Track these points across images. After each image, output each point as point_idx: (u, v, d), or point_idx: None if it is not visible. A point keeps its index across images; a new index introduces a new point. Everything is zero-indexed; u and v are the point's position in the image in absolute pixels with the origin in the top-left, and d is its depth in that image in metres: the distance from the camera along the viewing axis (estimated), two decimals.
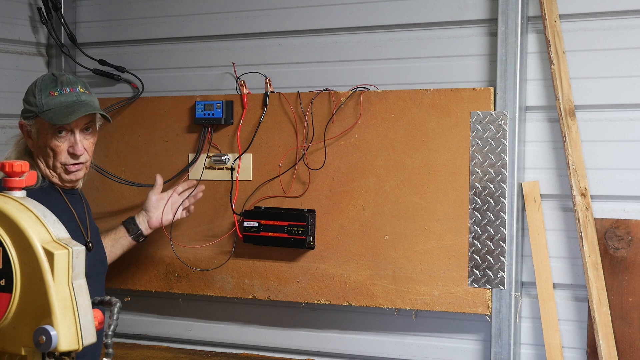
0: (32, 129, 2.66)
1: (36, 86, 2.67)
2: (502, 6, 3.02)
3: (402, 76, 3.26)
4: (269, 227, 3.25)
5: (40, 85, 2.66)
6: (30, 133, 2.68)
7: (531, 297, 3.11)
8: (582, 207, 2.97)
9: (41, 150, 2.68)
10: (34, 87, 2.67)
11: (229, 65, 3.50)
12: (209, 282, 3.43)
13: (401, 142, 3.16)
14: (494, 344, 3.06)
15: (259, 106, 3.35)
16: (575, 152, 2.99)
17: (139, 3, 3.72)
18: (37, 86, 2.66)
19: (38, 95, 2.63)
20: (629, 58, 2.97)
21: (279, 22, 3.47)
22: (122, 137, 3.61)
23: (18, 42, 3.71)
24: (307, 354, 3.46)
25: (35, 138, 2.67)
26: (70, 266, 1.66)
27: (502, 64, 3.04)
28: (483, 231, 3.05)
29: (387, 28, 3.29)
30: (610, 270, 2.98)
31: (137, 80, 3.64)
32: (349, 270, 3.23)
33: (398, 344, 3.32)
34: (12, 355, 1.70)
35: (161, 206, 3.18)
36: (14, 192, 1.75)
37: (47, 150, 2.66)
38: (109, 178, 3.56)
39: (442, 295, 3.10)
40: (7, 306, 1.66)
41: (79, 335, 1.65)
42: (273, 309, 3.52)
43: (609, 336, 2.96)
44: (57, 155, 2.66)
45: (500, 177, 3.03)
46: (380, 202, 3.18)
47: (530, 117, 3.10)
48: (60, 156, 2.66)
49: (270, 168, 3.33)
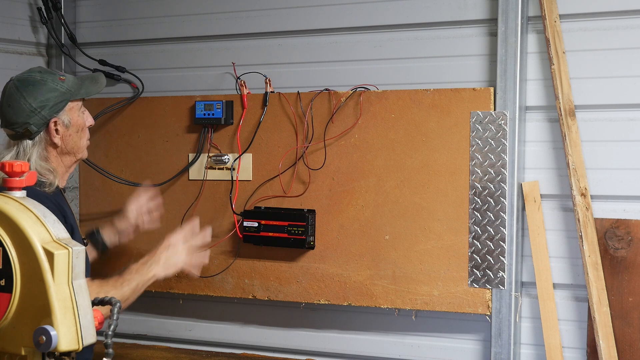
0: (65, 118, 2.66)
1: (41, 84, 2.60)
2: (502, 6, 3.02)
3: (402, 76, 3.26)
4: (269, 227, 3.25)
5: (46, 80, 2.62)
6: (61, 126, 2.65)
7: (531, 297, 3.11)
8: (582, 207, 2.97)
9: (71, 138, 2.67)
10: (38, 86, 2.59)
11: (229, 65, 3.50)
12: (209, 282, 3.43)
13: (401, 142, 3.16)
14: (494, 344, 3.06)
15: (259, 106, 3.35)
16: (575, 152, 2.99)
17: (139, 3, 3.72)
18: (43, 84, 2.60)
19: (56, 86, 2.63)
20: (629, 58, 2.97)
21: (279, 22, 3.47)
22: (122, 137, 3.61)
23: (18, 42, 3.71)
24: (307, 354, 3.46)
25: (66, 127, 2.65)
26: (70, 266, 1.66)
27: (502, 64, 3.04)
28: (483, 231, 3.05)
29: (387, 28, 3.29)
30: (610, 270, 2.98)
31: (137, 80, 3.64)
32: (349, 270, 3.23)
33: (398, 344, 3.32)
34: (12, 355, 1.70)
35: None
36: (14, 192, 1.75)
37: (78, 134, 2.71)
38: (109, 178, 3.56)
39: (442, 295, 3.10)
40: (7, 306, 1.66)
41: (79, 335, 1.65)
42: (273, 309, 3.52)
43: (609, 336, 2.96)
44: (85, 132, 2.75)
45: (500, 177, 3.03)
46: (380, 202, 3.18)
47: (530, 117, 3.10)
48: (86, 132, 2.76)
49: (270, 168, 3.33)
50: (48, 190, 2.59)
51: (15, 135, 2.64)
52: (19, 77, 2.66)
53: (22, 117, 2.60)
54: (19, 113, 2.60)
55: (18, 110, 2.60)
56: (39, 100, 2.60)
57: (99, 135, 3.60)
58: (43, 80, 2.62)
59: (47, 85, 2.62)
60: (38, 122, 2.61)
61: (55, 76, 2.66)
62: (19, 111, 2.60)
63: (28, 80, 2.63)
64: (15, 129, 2.62)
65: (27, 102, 2.59)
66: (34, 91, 2.61)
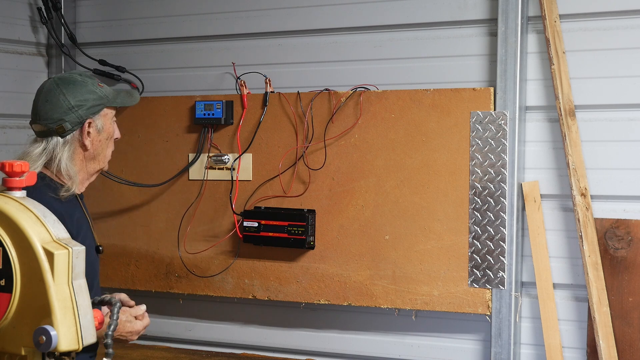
0: (99, 123, 2.67)
1: (82, 85, 2.60)
2: (502, 6, 3.02)
3: (402, 76, 3.26)
4: (269, 227, 3.25)
5: (86, 82, 2.64)
6: (94, 129, 2.66)
7: (531, 297, 3.11)
8: (582, 207, 2.97)
9: (100, 144, 2.69)
10: (79, 86, 2.61)
11: (229, 65, 3.50)
12: (209, 282, 3.43)
13: (401, 142, 3.16)
14: (494, 344, 3.06)
15: (259, 106, 3.35)
16: (575, 152, 2.99)
17: (139, 3, 3.72)
18: (83, 84, 2.61)
19: (95, 89, 2.66)
20: (629, 58, 2.97)
21: (279, 22, 3.47)
22: (122, 137, 3.58)
23: (18, 42, 3.71)
24: (307, 354, 3.46)
25: (98, 132, 2.67)
26: (70, 266, 1.66)
27: (502, 64, 3.04)
28: (483, 231, 3.05)
29: (387, 28, 3.29)
30: (610, 270, 2.98)
31: (137, 80, 3.64)
32: (349, 270, 3.23)
33: (398, 344, 3.32)
34: (12, 355, 1.69)
35: None
36: (14, 192, 1.75)
37: (107, 142, 2.73)
38: (109, 178, 3.56)
39: (442, 295, 3.10)
40: (7, 306, 1.66)
41: (79, 335, 1.65)
42: (273, 309, 3.52)
43: (609, 336, 2.96)
44: (112, 142, 2.77)
45: (500, 177, 3.03)
46: (380, 202, 3.18)
47: (530, 117, 3.10)
48: (113, 143, 2.78)
49: (270, 168, 3.33)
50: (63, 195, 2.58)
51: (47, 131, 2.63)
52: (60, 76, 2.70)
53: (58, 113, 2.61)
54: (56, 109, 2.61)
55: (56, 105, 2.61)
56: (77, 99, 2.62)
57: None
58: (84, 82, 2.66)
59: (87, 86, 2.64)
60: (74, 120, 2.62)
61: (94, 81, 2.70)
62: (56, 107, 2.61)
63: (69, 79, 2.66)
64: (49, 125, 2.62)
65: (66, 98, 2.61)
66: (74, 90, 2.63)
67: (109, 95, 2.70)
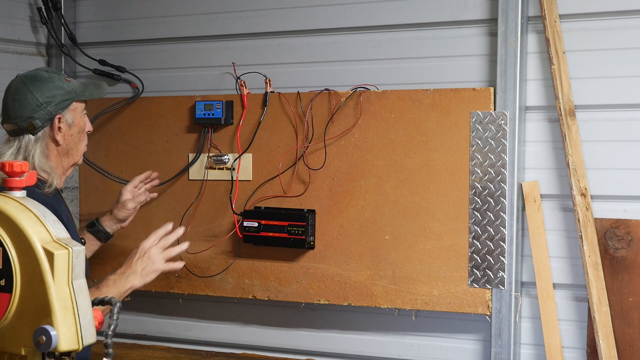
0: (69, 117, 2.70)
1: (48, 81, 2.65)
2: (502, 6, 3.02)
3: (402, 76, 3.26)
4: (269, 227, 3.25)
5: (53, 78, 2.67)
6: (64, 124, 2.68)
7: (531, 297, 3.11)
8: (582, 207, 2.97)
9: (72, 138, 2.71)
10: (45, 82, 2.64)
11: (229, 65, 3.50)
12: (209, 282, 3.43)
13: (401, 142, 3.16)
14: (494, 344, 3.06)
15: (259, 106, 3.35)
16: (575, 152, 2.99)
17: (139, 3, 3.72)
18: (50, 81, 2.66)
19: (63, 84, 2.68)
20: (629, 58, 2.97)
21: (279, 22, 3.47)
22: (122, 137, 3.61)
23: (18, 42, 3.71)
24: (307, 354, 3.46)
25: (69, 126, 2.70)
26: (70, 266, 1.66)
27: (502, 64, 3.04)
28: (483, 231, 3.05)
29: (387, 28, 3.29)
30: (610, 270, 2.98)
31: (137, 80, 3.64)
32: (349, 270, 3.23)
33: (398, 344, 3.32)
34: (12, 355, 1.70)
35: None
36: (14, 192, 1.75)
37: (79, 135, 2.74)
38: (109, 178, 3.57)
39: (442, 295, 3.10)
40: (7, 306, 1.66)
41: (79, 335, 1.65)
42: (273, 309, 3.52)
43: (609, 336, 2.96)
44: (84, 136, 2.78)
45: (500, 177, 3.03)
46: (380, 202, 3.18)
47: (530, 117, 3.10)
48: (86, 137, 2.80)
49: (270, 168, 3.33)
50: (48, 191, 2.60)
51: (17, 130, 2.65)
52: (26, 74, 2.72)
53: (27, 111, 2.64)
54: (25, 107, 2.63)
55: (24, 104, 2.63)
56: (45, 95, 2.65)
57: (99, 135, 3.60)
58: (50, 78, 2.68)
59: (54, 82, 2.67)
60: (43, 117, 2.64)
61: (61, 76, 2.74)
62: (25, 105, 2.63)
63: (35, 77, 2.68)
64: (19, 123, 2.64)
65: (34, 96, 2.63)
66: (41, 87, 2.65)
67: (76, 89, 2.71)
